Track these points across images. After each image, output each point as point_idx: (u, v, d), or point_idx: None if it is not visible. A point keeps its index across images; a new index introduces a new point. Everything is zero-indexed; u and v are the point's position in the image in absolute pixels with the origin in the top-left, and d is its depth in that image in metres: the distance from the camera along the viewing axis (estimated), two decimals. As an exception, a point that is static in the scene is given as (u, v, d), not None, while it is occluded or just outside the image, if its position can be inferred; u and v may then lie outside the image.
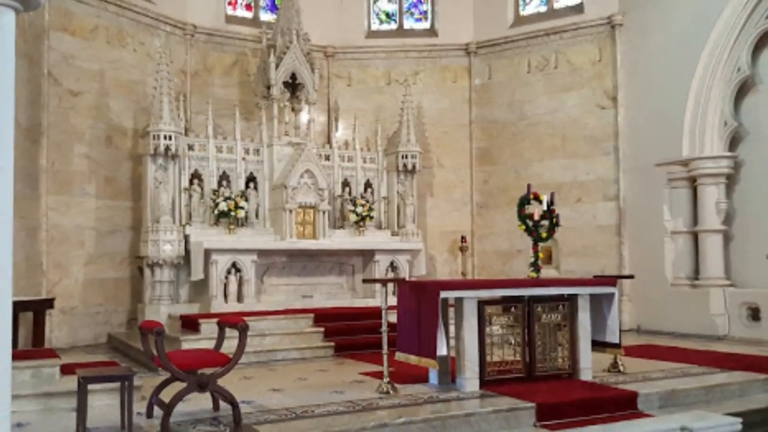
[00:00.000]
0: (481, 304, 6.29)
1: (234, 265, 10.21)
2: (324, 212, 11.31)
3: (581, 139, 12.32)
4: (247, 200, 10.95)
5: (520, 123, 12.98)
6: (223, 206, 10.60)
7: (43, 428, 4.99)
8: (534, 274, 7.98)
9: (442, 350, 6.01)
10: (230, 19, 12.93)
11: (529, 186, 9.09)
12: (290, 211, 10.94)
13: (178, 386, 5.03)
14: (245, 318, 5.51)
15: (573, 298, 6.70)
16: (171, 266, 10.28)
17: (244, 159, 11.24)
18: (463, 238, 13.07)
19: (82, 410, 4.65)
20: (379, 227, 12.18)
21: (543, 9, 13.17)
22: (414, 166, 12.31)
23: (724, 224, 10.57)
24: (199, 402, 5.51)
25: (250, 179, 11.29)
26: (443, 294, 6.10)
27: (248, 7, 13.35)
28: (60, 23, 10.24)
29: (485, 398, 5.81)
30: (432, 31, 13.99)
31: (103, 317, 10.58)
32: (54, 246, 9.96)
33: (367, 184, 12.28)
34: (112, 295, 10.73)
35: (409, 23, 14.16)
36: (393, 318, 6.76)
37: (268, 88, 11.43)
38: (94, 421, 4.93)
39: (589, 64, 12.34)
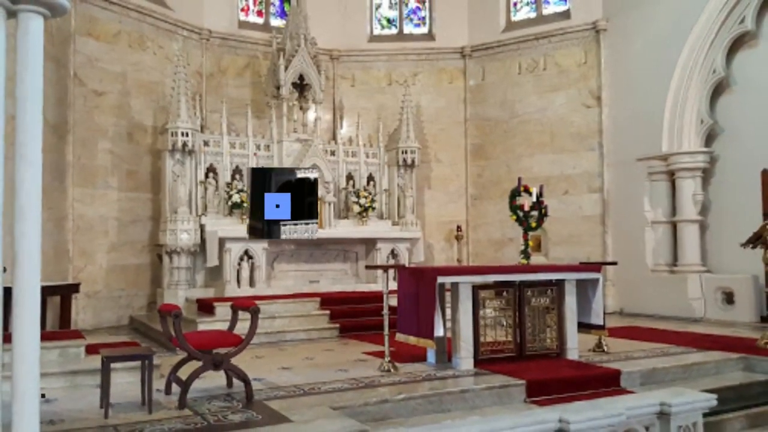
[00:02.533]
0: (476, 288, 6.25)
1: (246, 252, 10.18)
2: (329, 203, 11.28)
3: (568, 135, 12.26)
4: (258, 192, 10.91)
5: (512, 121, 12.91)
6: (236, 198, 10.57)
7: (70, 404, 4.97)
8: (524, 261, 7.96)
9: (439, 331, 5.99)
10: (243, 25, 12.87)
11: (519, 179, 9.08)
12: (298, 202, 10.90)
13: (194, 365, 5.01)
14: (257, 301, 5.49)
15: (560, 283, 6.65)
16: (188, 254, 10.26)
17: (255, 154, 11.19)
18: (459, 228, 13.03)
19: (105, 387, 4.63)
20: (381, 217, 12.14)
21: (533, 15, 13.08)
22: (413, 161, 12.26)
23: (700, 215, 10.54)
24: (214, 379, 5.49)
25: (261, 173, 11.25)
26: (440, 279, 6.06)
27: (260, 13, 13.27)
28: (85, 28, 10.17)
29: (479, 376, 5.78)
30: (430, 36, 13.89)
31: (125, 301, 10.57)
32: (79, 235, 9.94)
33: (370, 178, 12.23)
34: (134, 281, 10.72)
35: (408, 28, 14.06)
36: (394, 302, 6.74)
37: (278, 88, 11.38)
38: (117, 397, 4.90)
39: (575, 66, 12.26)
